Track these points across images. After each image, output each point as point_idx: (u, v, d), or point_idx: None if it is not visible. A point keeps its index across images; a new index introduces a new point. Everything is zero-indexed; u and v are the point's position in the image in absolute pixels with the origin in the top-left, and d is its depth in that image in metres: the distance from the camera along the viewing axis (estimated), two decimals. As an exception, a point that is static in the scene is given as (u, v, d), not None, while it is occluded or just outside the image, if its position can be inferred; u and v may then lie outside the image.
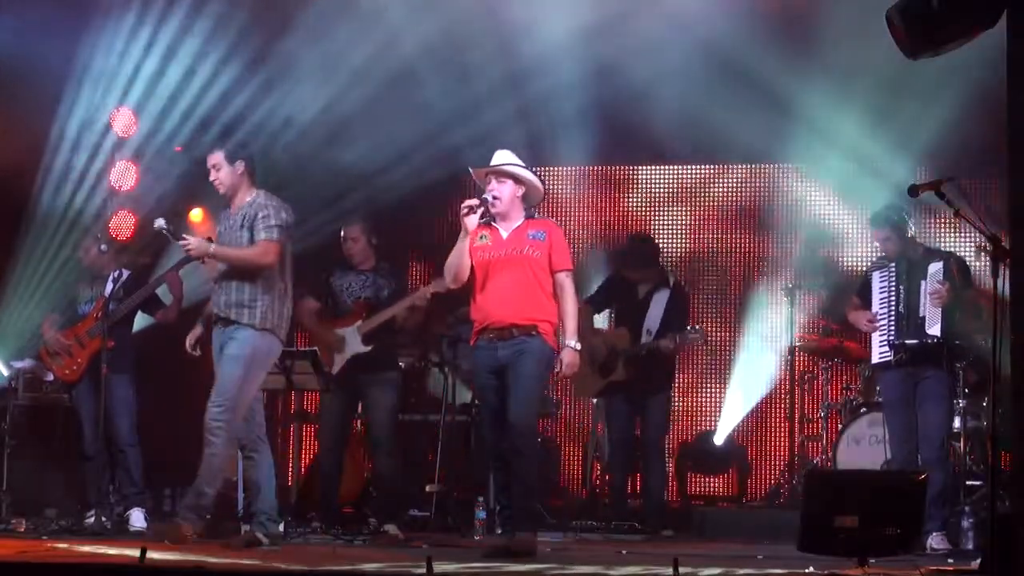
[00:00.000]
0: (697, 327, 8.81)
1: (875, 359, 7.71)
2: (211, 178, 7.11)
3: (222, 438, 6.79)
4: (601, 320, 9.45)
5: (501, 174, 6.81)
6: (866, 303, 7.74)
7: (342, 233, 8.39)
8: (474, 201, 6.73)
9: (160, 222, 7.10)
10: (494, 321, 6.69)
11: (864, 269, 8.01)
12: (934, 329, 7.43)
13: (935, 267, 7.49)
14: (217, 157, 7.08)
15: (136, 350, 8.49)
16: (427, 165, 9.91)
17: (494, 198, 6.74)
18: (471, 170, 6.96)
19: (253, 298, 6.92)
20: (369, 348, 8.09)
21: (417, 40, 8.99)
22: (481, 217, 6.73)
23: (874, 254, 8.41)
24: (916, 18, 5.32)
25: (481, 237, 6.79)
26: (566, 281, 6.77)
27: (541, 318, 6.68)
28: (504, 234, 6.79)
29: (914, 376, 7.52)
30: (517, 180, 6.81)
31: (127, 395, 8.36)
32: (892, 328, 7.56)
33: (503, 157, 6.85)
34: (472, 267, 6.77)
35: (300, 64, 9.34)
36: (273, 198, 7.10)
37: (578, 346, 6.73)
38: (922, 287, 7.50)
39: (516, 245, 6.75)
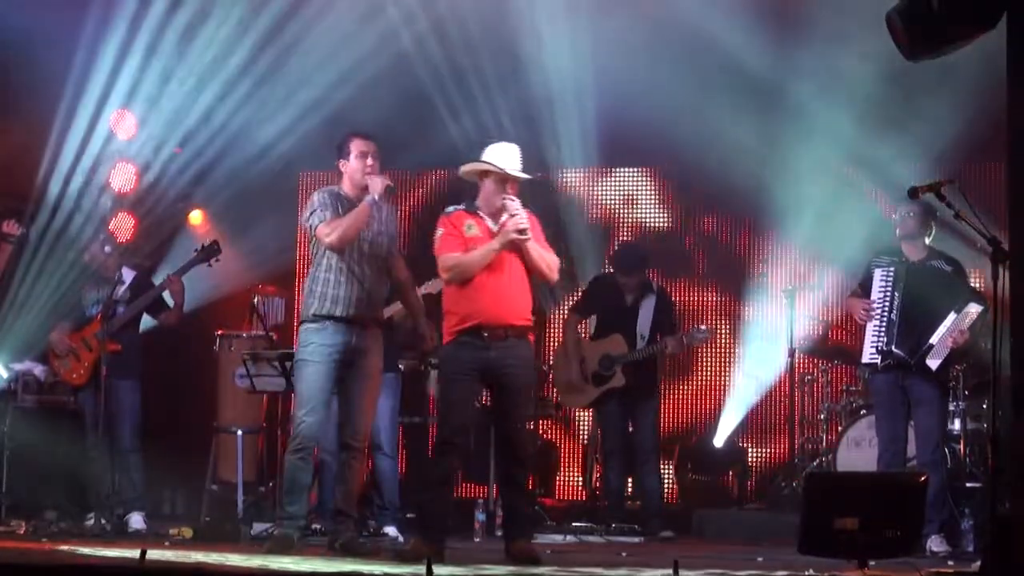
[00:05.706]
0: (703, 327, 8.82)
1: (865, 358, 7.66)
2: (373, 163, 6.84)
3: None
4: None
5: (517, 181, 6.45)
6: (867, 294, 7.64)
7: None
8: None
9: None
10: (488, 319, 6.33)
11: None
12: (934, 363, 7.38)
13: (975, 308, 7.34)
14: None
15: (142, 354, 8.47)
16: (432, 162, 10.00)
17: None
18: (493, 168, 6.42)
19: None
20: None
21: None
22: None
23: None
24: (916, 20, 5.32)
25: (468, 227, 6.43)
26: None
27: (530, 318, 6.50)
28: (493, 226, 6.45)
29: (904, 379, 7.49)
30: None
31: (133, 400, 8.33)
32: (882, 334, 7.52)
33: (515, 158, 6.46)
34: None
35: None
36: None
37: None
38: (948, 320, 7.35)
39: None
